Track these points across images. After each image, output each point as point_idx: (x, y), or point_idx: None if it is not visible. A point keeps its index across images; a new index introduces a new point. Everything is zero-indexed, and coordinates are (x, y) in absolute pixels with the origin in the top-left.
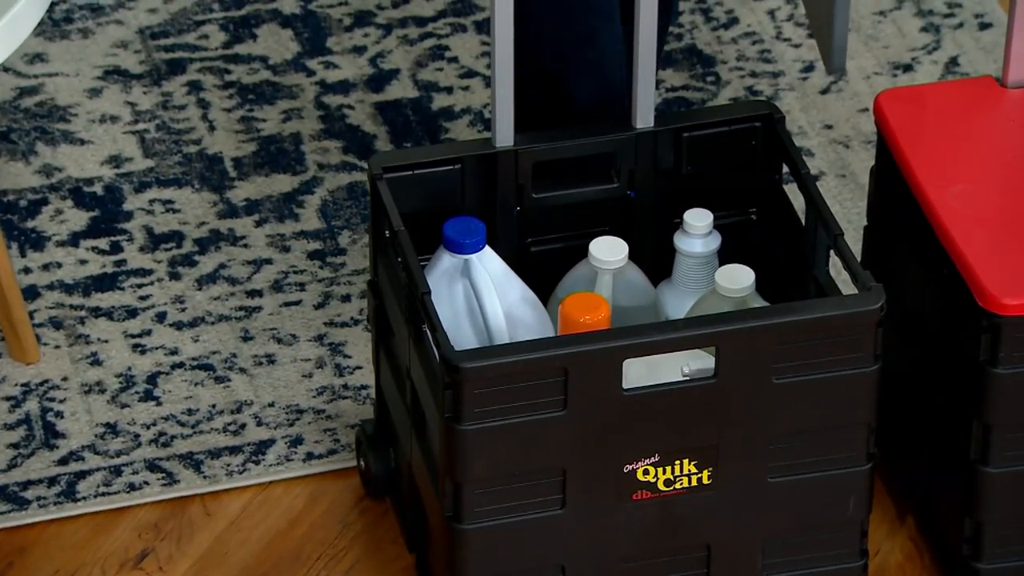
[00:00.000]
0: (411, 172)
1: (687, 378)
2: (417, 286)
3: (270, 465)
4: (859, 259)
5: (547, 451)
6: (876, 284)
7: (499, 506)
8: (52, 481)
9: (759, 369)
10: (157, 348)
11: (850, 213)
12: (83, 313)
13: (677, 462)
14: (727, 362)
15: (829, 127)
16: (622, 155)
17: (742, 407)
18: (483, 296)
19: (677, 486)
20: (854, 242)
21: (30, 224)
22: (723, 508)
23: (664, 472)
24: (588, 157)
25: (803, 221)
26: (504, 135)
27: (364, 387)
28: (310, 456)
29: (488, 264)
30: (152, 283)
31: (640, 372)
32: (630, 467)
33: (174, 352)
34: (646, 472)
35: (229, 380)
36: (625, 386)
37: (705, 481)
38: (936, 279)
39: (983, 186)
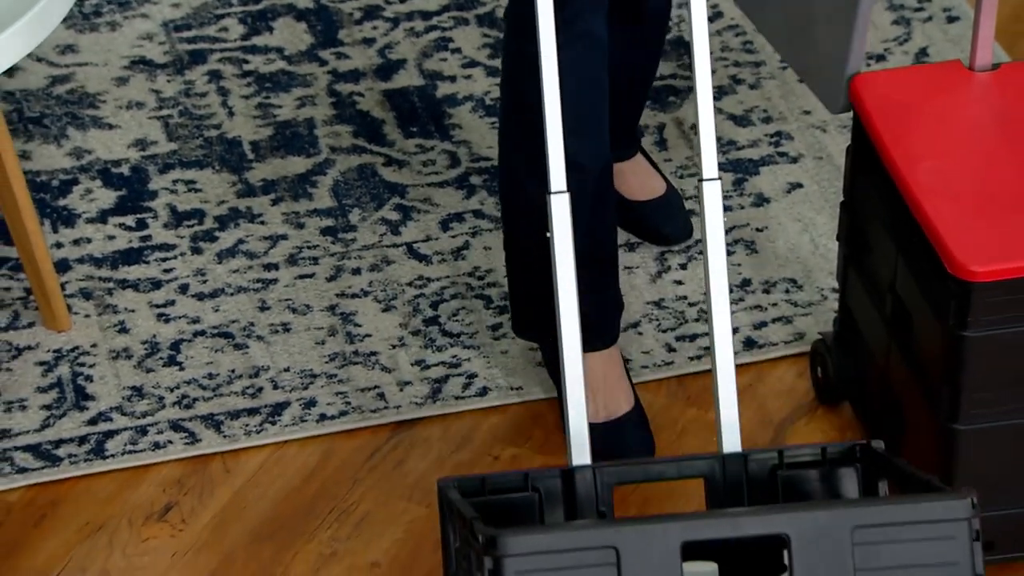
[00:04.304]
0: (485, 497)
1: None
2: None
3: (285, 425)
4: (836, 232)
5: None
6: (967, 489)
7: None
8: (82, 440)
9: (837, 568)
10: (180, 317)
11: (827, 192)
12: (111, 285)
13: None
14: (802, 557)
15: (807, 112)
16: (710, 480)
17: None
18: None
19: None
20: (831, 218)
21: (62, 202)
22: None
23: None
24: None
25: None
26: (581, 454)
27: (373, 353)
28: (323, 417)
29: None
30: (175, 257)
31: None
32: None
33: (196, 321)
34: None
35: (247, 347)
36: None
37: None
38: (908, 249)
39: (952, 161)
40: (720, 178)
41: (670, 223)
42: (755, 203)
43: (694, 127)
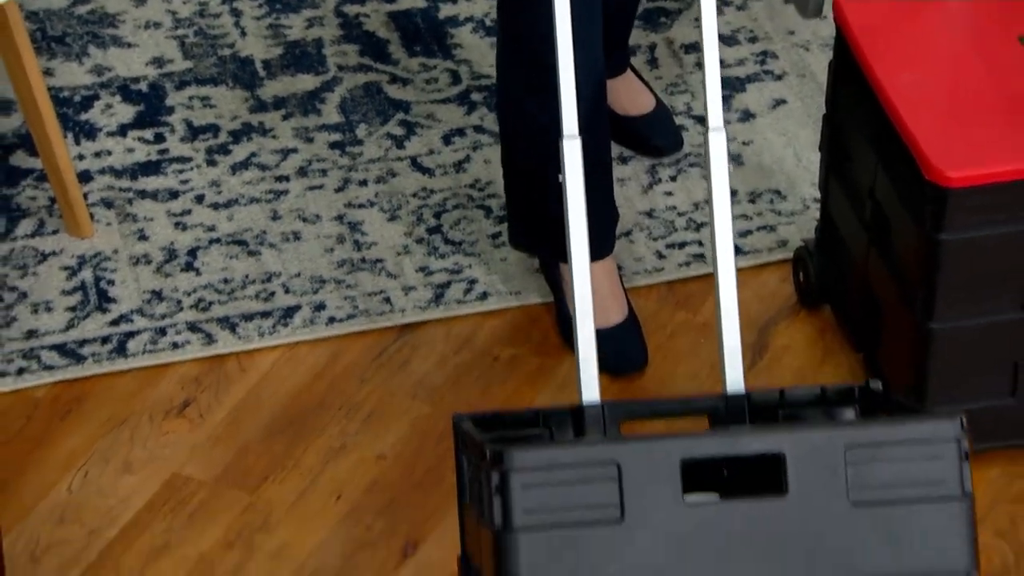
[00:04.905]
0: (499, 432)
1: None
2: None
3: (297, 327)
4: (818, 144)
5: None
6: (956, 411)
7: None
8: (105, 340)
9: (831, 486)
10: (196, 225)
11: (810, 108)
12: (131, 195)
13: None
14: (797, 475)
15: (791, 32)
16: (715, 418)
17: (817, 533)
18: None
19: None
20: (813, 132)
21: (84, 117)
22: None
23: None
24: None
25: None
26: (590, 391)
27: (379, 260)
28: (332, 320)
29: None
30: (192, 169)
31: None
32: None
33: (212, 229)
34: None
35: (260, 253)
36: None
37: None
38: (887, 157)
39: (930, 74)
40: (725, 128)
41: (661, 135)
42: (741, 118)
43: (684, 47)
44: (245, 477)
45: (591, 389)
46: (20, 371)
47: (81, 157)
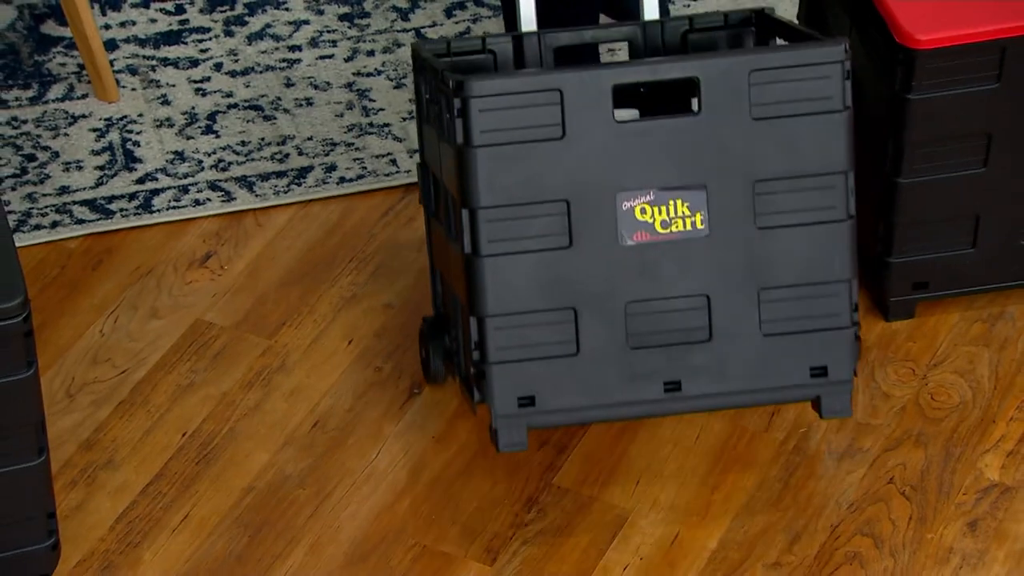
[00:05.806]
0: (451, 58)
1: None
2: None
3: (310, 187)
4: (797, 12)
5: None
6: (841, 37)
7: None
8: (132, 196)
9: (736, 104)
10: (215, 91)
11: None
12: (154, 62)
13: (671, 201)
14: (709, 95)
15: None
16: (633, 43)
17: (725, 143)
18: None
19: (673, 229)
20: (791, 5)
21: None
22: (717, 254)
23: (660, 213)
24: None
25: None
26: (528, 21)
27: (386, 125)
28: (342, 180)
29: None
30: (211, 39)
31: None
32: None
33: (229, 95)
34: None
35: (275, 118)
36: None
37: (699, 225)
38: (861, 24)
39: None
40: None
41: None
42: None
43: None
44: (263, 323)
45: (529, 21)
46: (54, 224)
47: (107, 27)
